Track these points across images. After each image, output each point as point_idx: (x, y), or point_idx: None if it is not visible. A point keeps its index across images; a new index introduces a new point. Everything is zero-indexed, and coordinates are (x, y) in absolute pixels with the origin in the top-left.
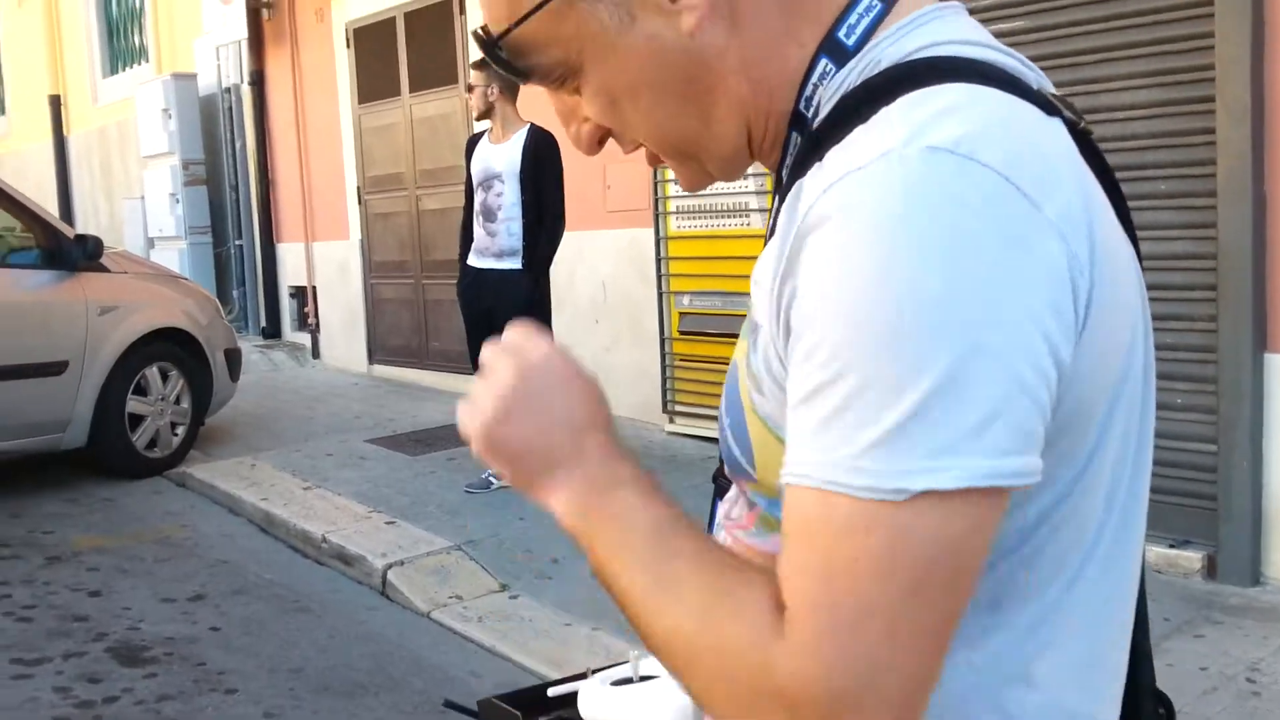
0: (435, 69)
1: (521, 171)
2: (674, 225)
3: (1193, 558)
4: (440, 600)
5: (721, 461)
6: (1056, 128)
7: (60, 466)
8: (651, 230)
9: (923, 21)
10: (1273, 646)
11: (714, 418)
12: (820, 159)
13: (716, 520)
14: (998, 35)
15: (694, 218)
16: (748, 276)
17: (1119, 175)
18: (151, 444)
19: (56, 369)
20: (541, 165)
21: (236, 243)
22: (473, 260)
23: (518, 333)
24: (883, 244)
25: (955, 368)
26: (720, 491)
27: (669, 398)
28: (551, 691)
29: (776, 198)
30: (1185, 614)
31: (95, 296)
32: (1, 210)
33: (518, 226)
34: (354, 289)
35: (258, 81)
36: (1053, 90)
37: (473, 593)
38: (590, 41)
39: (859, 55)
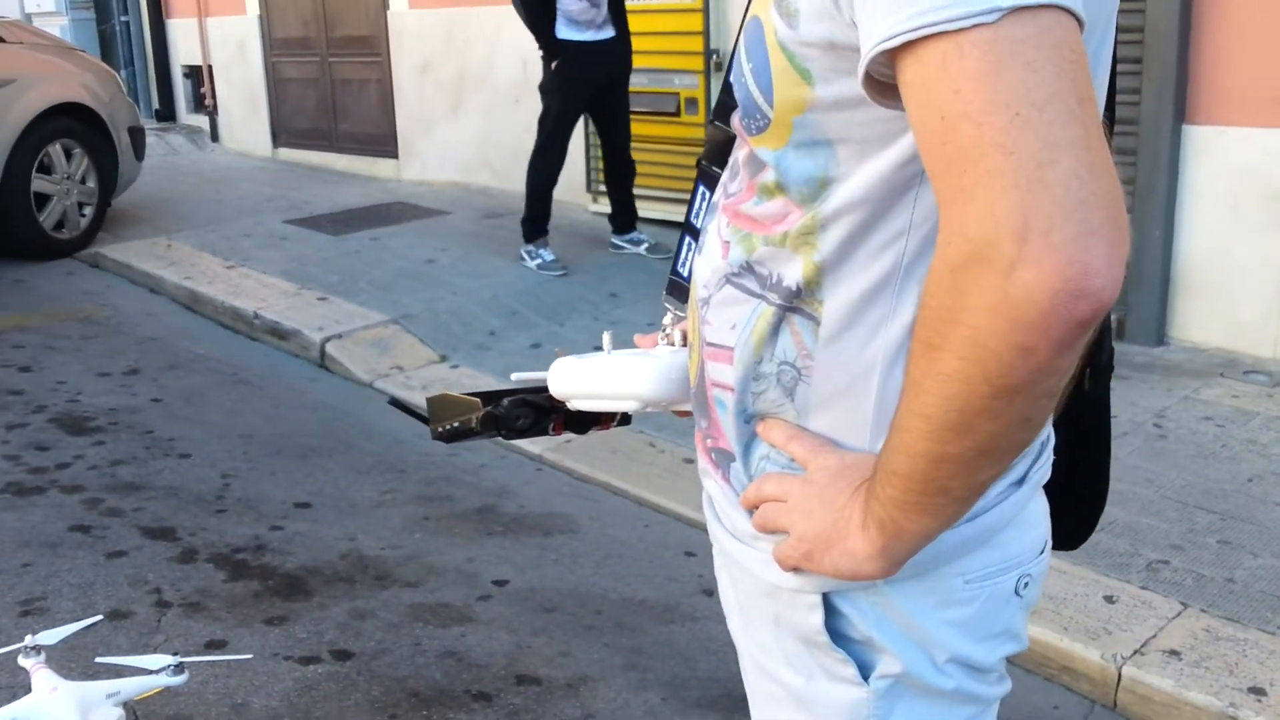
0: None
1: None
2: None
3: None
4: (381, 370)
5: (705, 148)
6: None
7: None
8: None
9: None
10: (1177, 397)
11: (640, 197)
12: None
13: (712, 201)
14: None
15: None
16: (679, 52)
17: None
18: (59, 225)
19: None
20: None
21: (122, 19)
22: (574, 35)
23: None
24: None
25: None
26: (705, 176)
27: (593, 178)
28: (515, 376)
29: None
30: None
31: None
32: None
33: None
34: (254, 68)
35: None
36: None
37: (413, 363)
38: None
39: None
